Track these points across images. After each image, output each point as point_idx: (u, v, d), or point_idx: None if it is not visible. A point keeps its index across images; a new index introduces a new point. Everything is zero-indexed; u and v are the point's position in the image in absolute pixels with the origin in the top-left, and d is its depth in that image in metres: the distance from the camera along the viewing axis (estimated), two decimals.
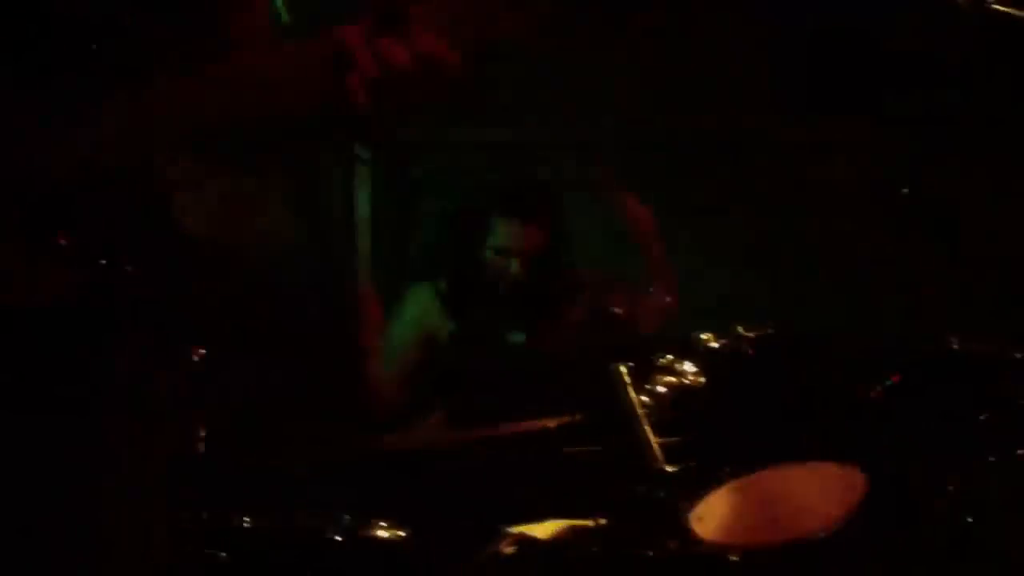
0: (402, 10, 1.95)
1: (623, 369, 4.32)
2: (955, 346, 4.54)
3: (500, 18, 1.96)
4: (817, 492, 4.33)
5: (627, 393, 4.28)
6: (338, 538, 4.05)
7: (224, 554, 3.96)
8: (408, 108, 2.01)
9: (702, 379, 4.44)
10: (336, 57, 1.96)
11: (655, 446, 4.16)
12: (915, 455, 4.21)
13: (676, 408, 4.44)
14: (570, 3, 2.02)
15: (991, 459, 4.32)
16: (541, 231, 5.30)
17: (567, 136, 5.88)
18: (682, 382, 4.46)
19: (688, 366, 4.48)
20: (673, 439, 4.35)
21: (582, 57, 5.63)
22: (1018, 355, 4.46)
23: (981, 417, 4.38)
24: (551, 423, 4.27)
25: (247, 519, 4.10)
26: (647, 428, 4.22)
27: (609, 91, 5.88)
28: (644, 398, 4.40)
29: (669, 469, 4.10)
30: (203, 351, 2.64)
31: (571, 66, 5.67)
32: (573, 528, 4.35)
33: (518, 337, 5.11)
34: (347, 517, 4.19)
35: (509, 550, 4.25)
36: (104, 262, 2.05)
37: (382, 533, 4.14)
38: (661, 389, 4.45)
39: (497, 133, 5.83)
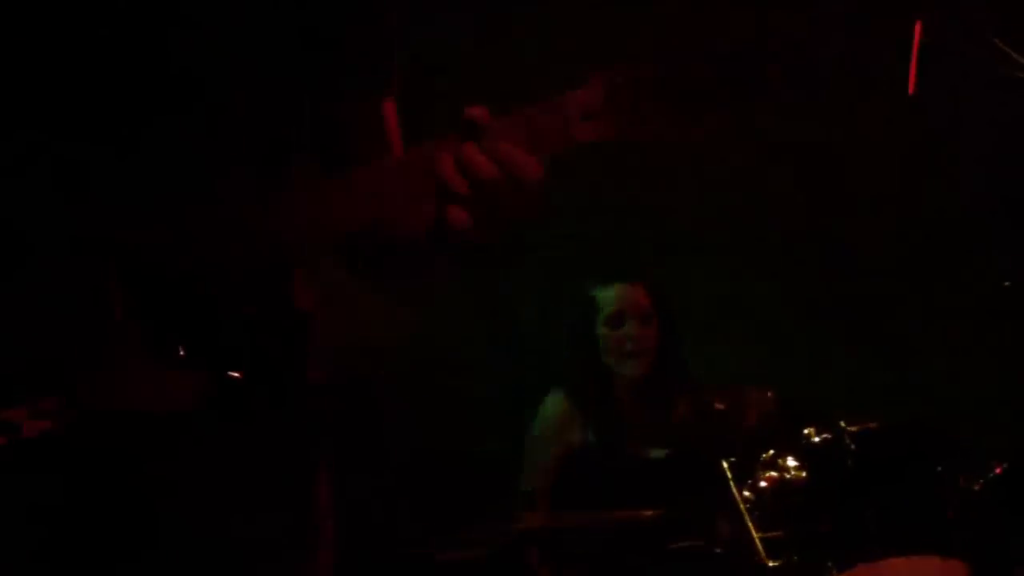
0: (482, 122, 2.00)
1: (726, 464, 4.37)
2: None
3: (578, 128, 2.01)
4: None
5: (730, 488, 4.32)
6: None
7: None
8: (499, 226, 2.06)
9: (804, 474, 4.46)
10: (427, 172, 2.01)
11: (757, 541, 4.18)
12: (1019, 548, 4.19)
13: (778, 503, 4.46)
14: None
15: None
16: (647, 294, 5.33)
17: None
18: (784, 477, 4.48)
19: (791, 461, 4.50)
20: (775, 533, 4.38)
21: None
22: None
23: None
24: (656, 514, 4.30)
25: None
26: (750, 523, 4.25)
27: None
28: (747, 493, 4.44)
29: (772, 564, 4.12)
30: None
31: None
32: None
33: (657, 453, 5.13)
34: None
35: None
36: (234, 373, 2.07)
37: None
38: (763, 484, 4.48)
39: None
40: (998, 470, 4.55)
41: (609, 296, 5.31)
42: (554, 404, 5.32)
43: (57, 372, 2.00)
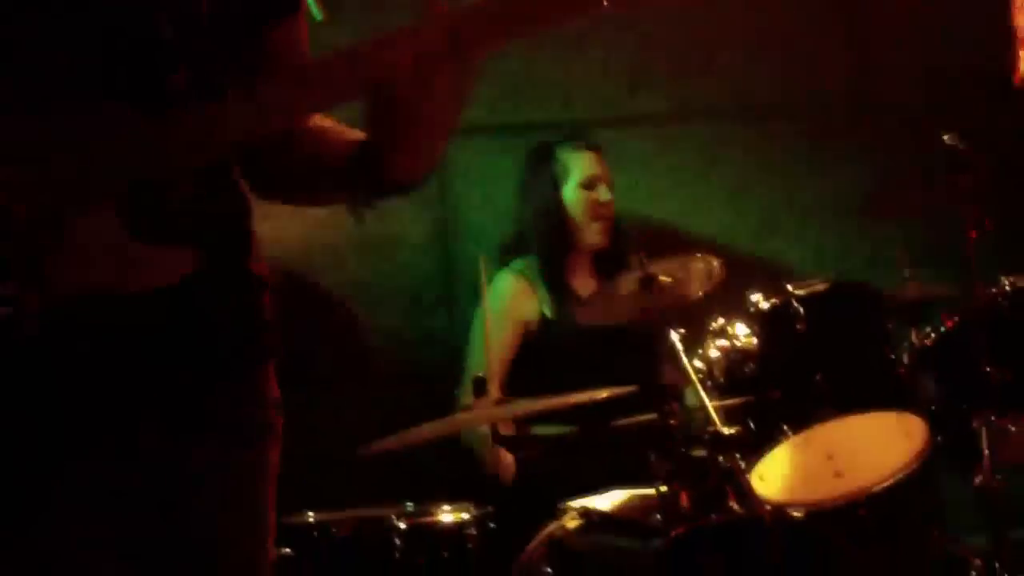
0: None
1: (676, 336, 4.32)
2: (1007, 287, 4.50)
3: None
4: (878, 442, 4.32)
5: (681, 359, 4.28)
6: (402, 525, 4.06)
7: (289, 550, 3.98)
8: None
9: (754, 340, 4.44)
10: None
11: (712, 410, 4.15)
12: (974, 398, 4.18)
13: (731, 371, 4.44)
14: None
15: None
16: (606, 166, 5.36)
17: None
18: (735, 344, 4.45)
19: (740, 328, 4.47)
20: (730, 401, 4.36)
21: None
22: None
23: None
24: (606, 394, 4.25)
25: (311, 514, 4.13)
26: (703, 393, 4.22)
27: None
28: (698, 363, 4.40)
29: (727, 432, 4.09)
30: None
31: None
32: (635, 498, 4.37)
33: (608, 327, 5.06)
34: (410, 504, 4.21)
35: (573, 524, 4.26)
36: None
37: (446, 517, 4.15)
38: (715, 353, 4.46)
39: (539, 113, 5.83)
40: (949, 324, 4.55)
41: (582, 160, 5.32)
42: (508, 279, 5.30)
43: (19, 251, 1.91)
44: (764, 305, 4.49)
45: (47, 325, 1.92)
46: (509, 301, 5.23)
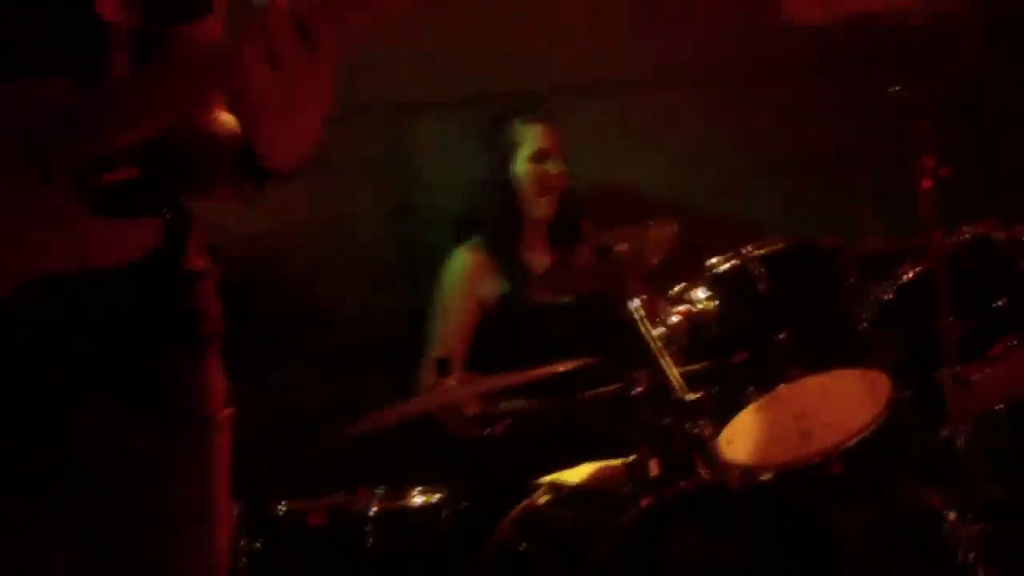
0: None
1: (634, 304, 4.31)
2: (967, 235, 4.49)
3: None
4: (844, 399, 4.32)
5: (641, 328, 4.26)
6: (375, 510, 4.06)
7: (260, 543, 3.99)
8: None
9: (714, 304, 4.42)
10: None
11: (675, 377, 4.14)
12: (938, 349, 4.16)
13: (692, 336, 4.42)
14: None
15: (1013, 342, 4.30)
16: (560, 138, 5.35)
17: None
18: (695, 309, 4.44)
19: (700, 292, 4.46)
20: (692, 367, 4.34)
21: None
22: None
23: (998, 303, 4.35)
24: (568, 367, 4.25)
25: (282, 504, 4.13)
26: (665, 360, 4.20)
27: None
28: (659, 330, 4.39)
29: (691, 398, 4.08)
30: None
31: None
32: (604, 470, 4.36)
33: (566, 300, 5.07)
34: (380, 489, 4.21)
35: (543, 500, 4.26)
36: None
37: (417, 500, 4.15)
38: (675, 319, 4.44)
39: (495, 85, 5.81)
40: (909, 276, 4.53)
41: (533, 132, 5.31)
42: (465, 256, 5.28)
43: None
44: (723, 267, 4.47)
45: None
46: (466, 278, 5.22)
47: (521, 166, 5.25)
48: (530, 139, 5.28)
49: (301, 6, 1.91)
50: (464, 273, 5.22)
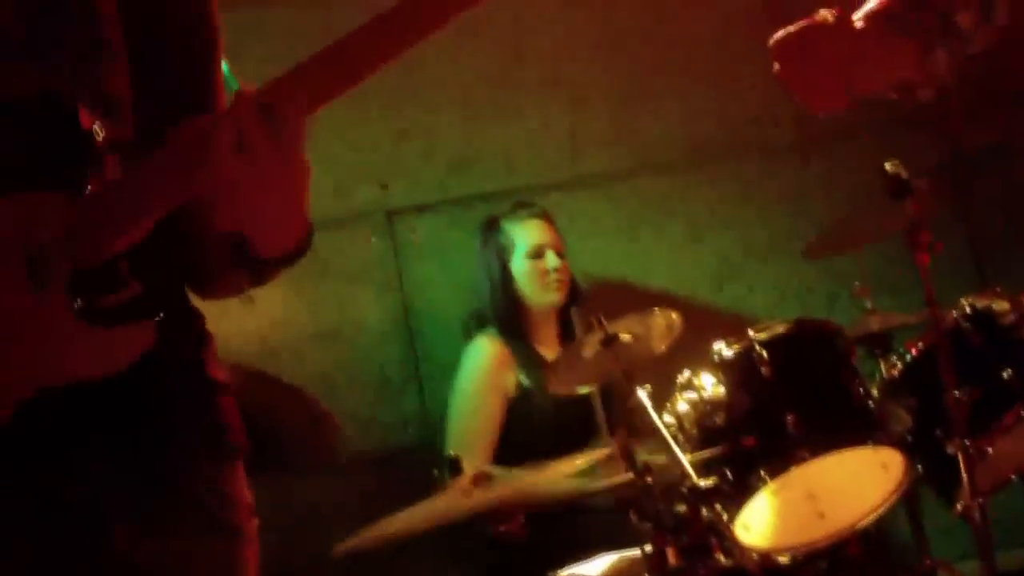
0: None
1: (643, 393, 4.31)
2: (968, 308, 4.51)
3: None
4: (856, 478, 4.31)
5: (650, 416, 4.26)
6: None
7: None
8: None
9: (721, 389, 4.42)
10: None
11: (687, 464, 4.13)
12: (947, 425, 4.17)
13: (701, 422, 4.42)
14: None
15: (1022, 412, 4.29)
16: (556, 231, 5.36)
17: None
18: (702, 395, 4.44)
19: (706, 378, 4.46)
20: (704, 454, 4.34)
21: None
22: None
23: (1005, 374, 4.36)
24: (582, 460, 4.25)
25: None
26: (676, 447, 4.20)
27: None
28: (668, 418, 4.39)
29: (705, 484, 4.07)
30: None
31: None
32: (622, 561, 4.34)
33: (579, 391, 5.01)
34: None
35: None
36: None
37: None
38: (683, 406, 4.44)
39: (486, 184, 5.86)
40: (914, 351, 4.55)
41: (526, 230, 5.32)
42: (486, 345, 5.26)
43: None
44: (728, 353, 4.47)
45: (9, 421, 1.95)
46: (491, 367, 5.19)
47: (519, 264, 5.26)
48: (524, 236, 5.30)
49: (269, 93, 1.91)
50: (488, 362, 5.20)
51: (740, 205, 5.99)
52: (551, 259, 5.27)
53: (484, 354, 5.24)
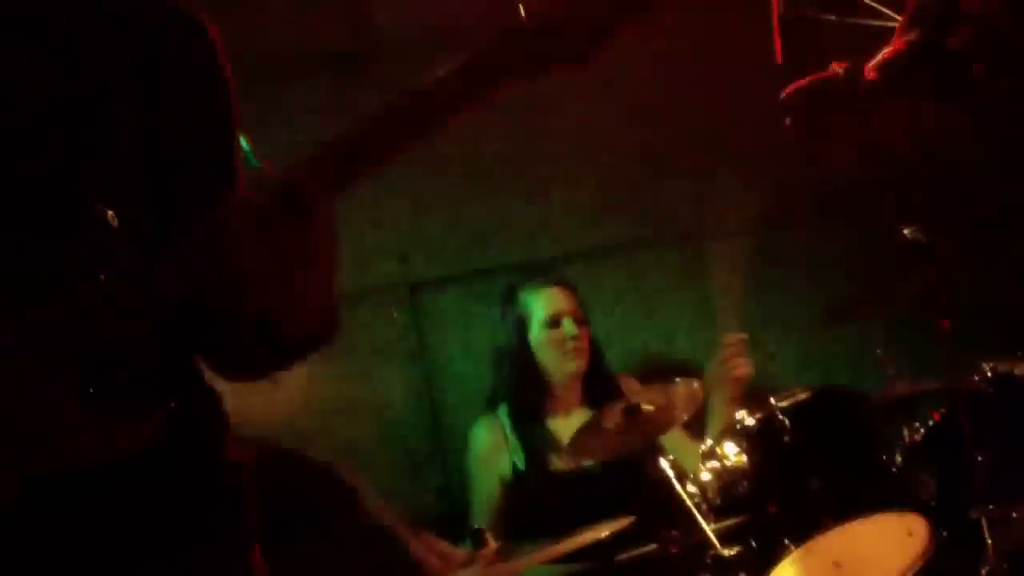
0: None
1: (665, 463, 4.32)
2: (988, 372, 4.51)
3: None
4: (881, 544, 4.29)
5: (673, 486, 4.27)
6: None
7: None
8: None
9: (744, 458, 4.43)
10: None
11: (711, 533, 4.14)
12: (971, 489, 4.17)
13: (724, 491, 4.43)
14: None
15: None
16: (575, 298, 5.34)
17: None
18: (725, 464, 4.45)
19: (729, 447, 4.47)
20: (727, 522, 4.34)
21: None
22: None
23: None
24: (605, 532, 4.25)
25: None
26: (700, 517, 4.21)
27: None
28: (691, 488, 4.40)
29: (729, 553, 4.07)
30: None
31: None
32: None
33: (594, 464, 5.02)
34: None
35: None
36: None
37: None
38: (706, 476, 4.45)
39: (508, 256, 5.89)
40: (936, 417, 4.55)
41: (543, 299, 5.31)
42: (481, 433, 5.28)
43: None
44: (750, 421, 4.49)
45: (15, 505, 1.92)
46: (483, 455, 5.23)
47: (537, 333, 5.26)
48: (541, 305, 5.29)
49: (291, 175, 1.91)
50: (480, 451, 5.23)
51: (761, 274, 5.99)
52: (568, 327, 5.24)
53: (477, 441, 5.27)
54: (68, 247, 1.99)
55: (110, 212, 2.01)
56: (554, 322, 5.26)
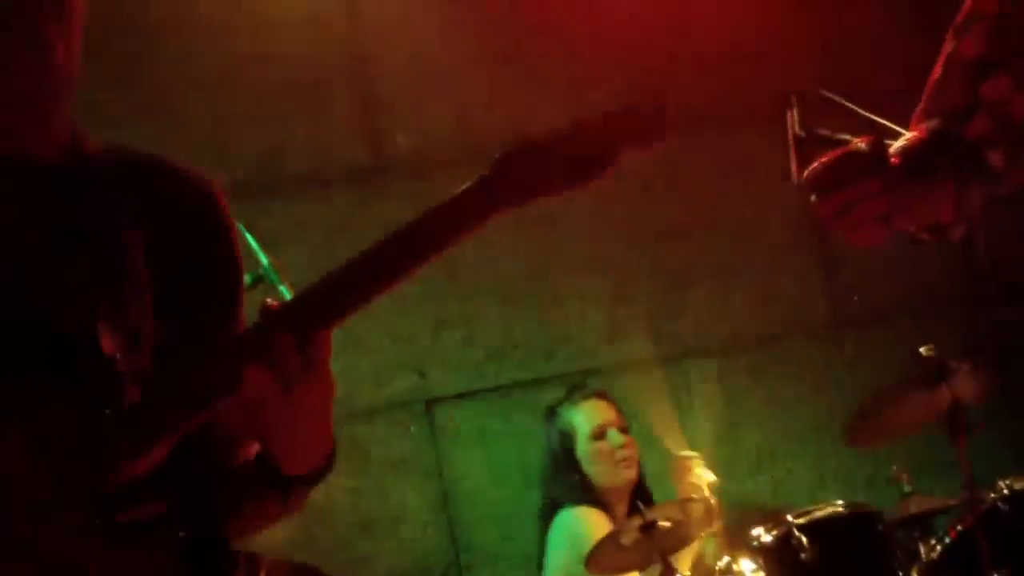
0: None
1: None
2: (1005, 490, 4.51)
3: None
4: None
5: None
6: None
7: None
8: None
9: (762, 574, 4.41)
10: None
11: None
12: None
13: None
14: None
15: None
16: (616, 408, 5.29)
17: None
18: None
19: (746, 564, 4.46)
20: None
21: None
22: None
23: None
24: None
25: None
26: None
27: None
28: None
29: None
30: None
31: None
32: None
33: None
34: None
35: None
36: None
37: None
38: None
39: (524, 372, 5.91)
40: (952, 534, 4.54)
41: (585, 413, 5.26)
42: (581, 517, 5.09)
43: None
44: (767, 538, 4.48)
45: None
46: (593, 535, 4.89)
47: (583, 448, 5.18)
48: (583, 420, 5.23)
49: (297, 307, 1.95)
50: (591, 533, 4.91)
51: (778, 389, 6.01)
52: (614, 437, 5.17)
53: (583, 528, 5.01)
54: (79, 387, 2.00)
55: (118, 354, 2.03)
56: (600, 434, 5.19)
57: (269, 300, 1.98)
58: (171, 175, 2.22)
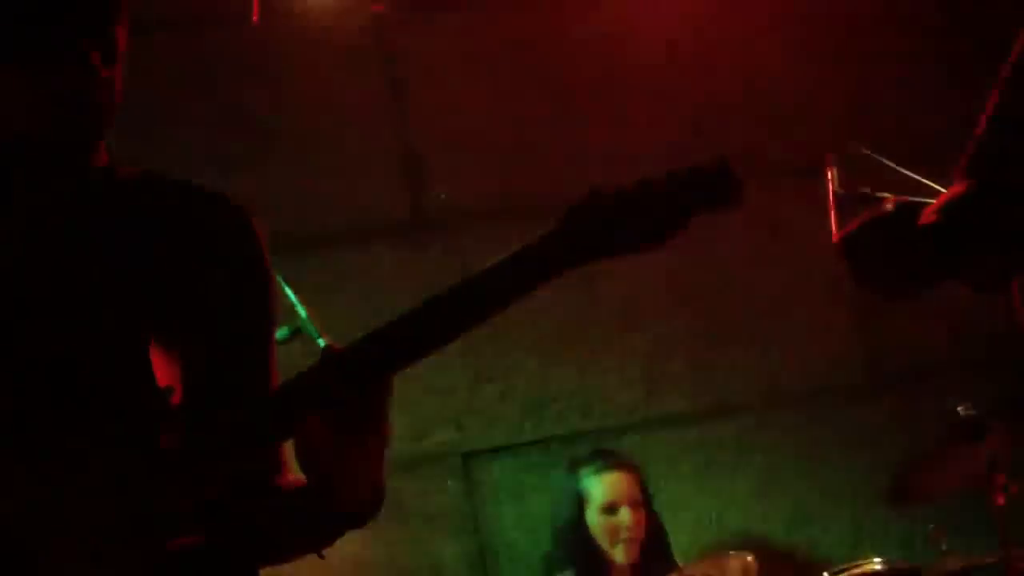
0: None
1: None
2: None
3: None
4: None
5: None
6: None
7: None
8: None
9: None
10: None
11: None
12: None
13: None
14: None
15: None
16: (636, 480, 5.29)
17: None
18: None
19: None
20: None
21: None
22: None
23: None
24: None
25: None
26: None
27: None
28: None
29: None
30: None
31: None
32: None
33: None
34: None
35: None
36: None
37: None
38: None
39: (560, 427, 5.90)
40: None
41: (602, 484, 5.25)
42: None
43: None
44: None
45: None
46: None
47: (592, 517, 5.20)
48: (599, 490, 5.23)
49: (357, 352, 1.94)
50: None
51: (814, 447, 5.98)
52: (624, 516, 5.16)
53: None
54: (118, 423, 2.00)
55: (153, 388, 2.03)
56: (611, 509, 5.20)
57: (331, 342, 1.99)
58: (206, 201, 2.24)
